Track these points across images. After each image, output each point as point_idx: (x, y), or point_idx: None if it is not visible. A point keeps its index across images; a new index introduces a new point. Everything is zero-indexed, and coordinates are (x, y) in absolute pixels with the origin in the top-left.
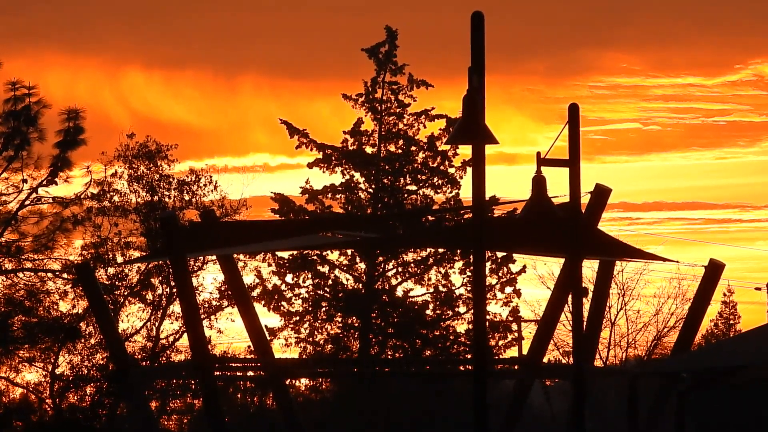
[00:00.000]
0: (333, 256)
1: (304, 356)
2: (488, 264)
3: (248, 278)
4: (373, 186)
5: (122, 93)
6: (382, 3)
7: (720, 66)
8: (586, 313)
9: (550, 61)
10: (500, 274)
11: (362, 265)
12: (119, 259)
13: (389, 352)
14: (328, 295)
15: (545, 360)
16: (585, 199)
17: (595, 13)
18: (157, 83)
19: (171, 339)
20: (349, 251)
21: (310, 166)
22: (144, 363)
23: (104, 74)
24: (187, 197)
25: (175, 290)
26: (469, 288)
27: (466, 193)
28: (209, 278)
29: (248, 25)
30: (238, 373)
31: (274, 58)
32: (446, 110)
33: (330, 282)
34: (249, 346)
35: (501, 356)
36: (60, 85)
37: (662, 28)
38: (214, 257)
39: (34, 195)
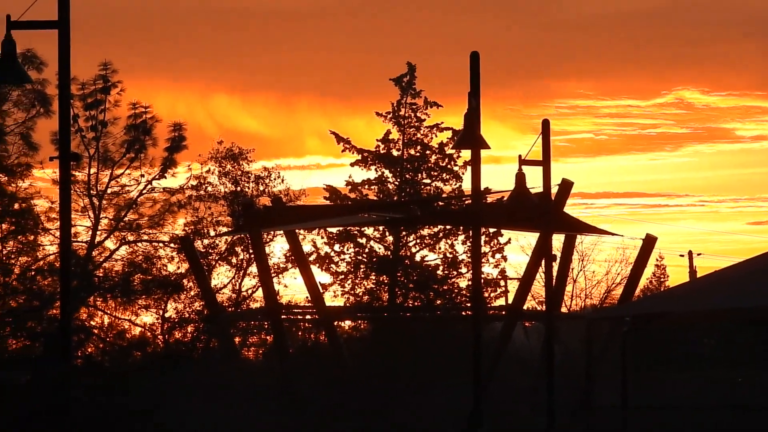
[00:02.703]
0: (369, 231)
1: (347, 304)
2: (483, 237)
3: (306, 247)
4: (398, 180)
5: (212, 111)
6: (405, 45)
7: (651, 92)
8: (555, 273)
9: (526, 88)
10: (492, 245)
11: (390, 238)
12: (212, 233)
13: (410, 302)
14: (365, 260)
15: (525, 307)
16: (554, 190)
17: (558, 54)
18: (237, 104)
19: (249, 292)
20: (380, 227)
21: (352, 165)
22: (230, 309)
23: (199, 98)
24: (261, 188)
25: (252, 256)
26: (469, 254)
27: (466, 185)
28: (278, 247)
29: (304, 60)
30: (299, 317)
31: (324, 85)
32: (452, 124)
33: (367, 250)
34: (307, 297)
35: (492, 305)
36: (167, 105)
37: (609, 65)
38: (281, 232)
39: (149, 186)
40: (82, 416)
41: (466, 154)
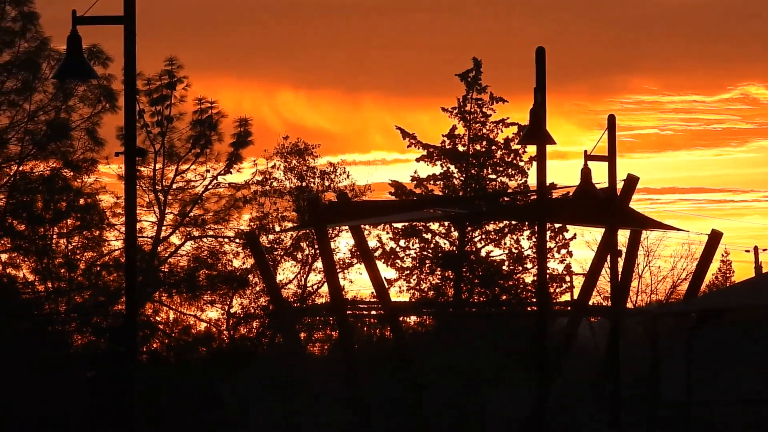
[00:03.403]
0: (434, 226)
1: (413, 300)
2: (548, 232)
3: (372, 242)
4: (464, 175)
5: (277, 107)
6: (471, 40)
7: (716, 87)
8: (620, 268)
9: (591, 84)
10: (557, 240)
11: (455, 233)
12: (277, 228)
13: (475, 297)
14: (431, 255)
15: (590, 303)
16: (619, 185)
17: (624, 49)
18: (302, 100)
19: (315, 287)
20: (446, 223)
21: (417, 160)
22: (295, 304)
23: (264, 94)
24: (326, 183)
25: (318, 251)
26: (534, 250)
27: (532, 180)
28: (343, 242)
29: (369, 56)
30: (365, 312)
31: (388, 81)
32: (517, 119)
33: (432, 245)
34: (372, 292)
35: (557, 300)
36: (232, 101)
37: (674, 60)
38: (347, 227)
39: (214, 181)
40: (148, 411)
41: (531, 150)
